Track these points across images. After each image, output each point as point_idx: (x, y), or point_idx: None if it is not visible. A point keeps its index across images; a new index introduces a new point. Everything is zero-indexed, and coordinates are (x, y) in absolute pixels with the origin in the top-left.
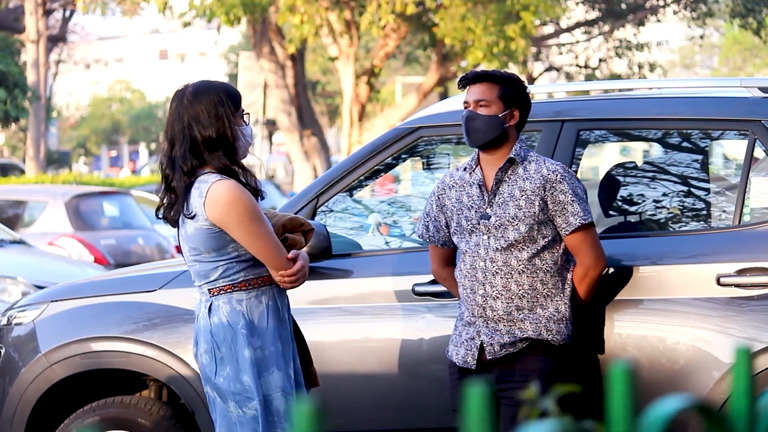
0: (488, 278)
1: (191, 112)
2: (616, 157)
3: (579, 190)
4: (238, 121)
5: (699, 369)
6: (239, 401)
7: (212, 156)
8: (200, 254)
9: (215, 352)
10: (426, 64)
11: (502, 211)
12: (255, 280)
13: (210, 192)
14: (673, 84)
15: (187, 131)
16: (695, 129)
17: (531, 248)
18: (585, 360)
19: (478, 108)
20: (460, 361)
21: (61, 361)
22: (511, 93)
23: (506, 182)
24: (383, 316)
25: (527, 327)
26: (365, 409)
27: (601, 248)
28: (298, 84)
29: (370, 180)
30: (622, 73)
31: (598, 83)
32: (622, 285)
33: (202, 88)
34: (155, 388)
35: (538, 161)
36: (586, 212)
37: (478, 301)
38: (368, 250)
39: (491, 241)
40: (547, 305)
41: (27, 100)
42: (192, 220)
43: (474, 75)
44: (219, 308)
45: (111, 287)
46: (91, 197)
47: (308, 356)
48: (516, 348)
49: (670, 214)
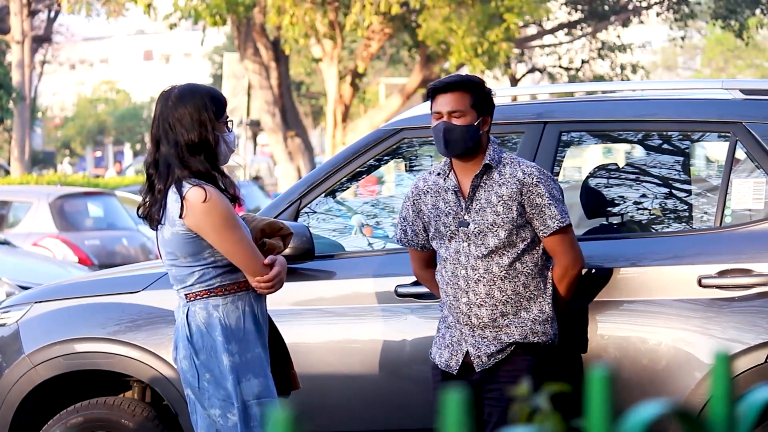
0: (471, 286)
1: (175, 115)
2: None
3: (555, 191)
4: (220, 127)
5: (680, 370)
6: (223, 407)
7: (193, 159)
8: (177, 259)
9: (193, 358)
10: (410, 65)
11: (480, 218)
12: (231, 286)
13: (186, 197)
14: (655, 86)
15: (171, 133)
16: (677, 131)
17: (511, 253)
18: (569, 359)
19: (452, 118)
20: (443, 364)
21: (44, 362)
22: (481, 100)
23: (482, 188)
24: (366, 318)
25: (513, 331)
26: (348, 410)
27: (578, 248)
28: (282, 85)
29: (354, 181)
30: (604, 74)
31: (580, 85)
32: (604, 286)
33: (187, 91)
34: (138, 389)
35: (513, 164)
36: (563, 214)
37: (462, 309)
38: (351, 252)
39: (471, 248)
40: (531, 307)
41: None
42: (168, 225)
43: (445, 84)
44: (195, 314)
45: (95, 288)
46: (76, 198)
47: (288, 360)
48: (504, 354)
49: (651, 215)
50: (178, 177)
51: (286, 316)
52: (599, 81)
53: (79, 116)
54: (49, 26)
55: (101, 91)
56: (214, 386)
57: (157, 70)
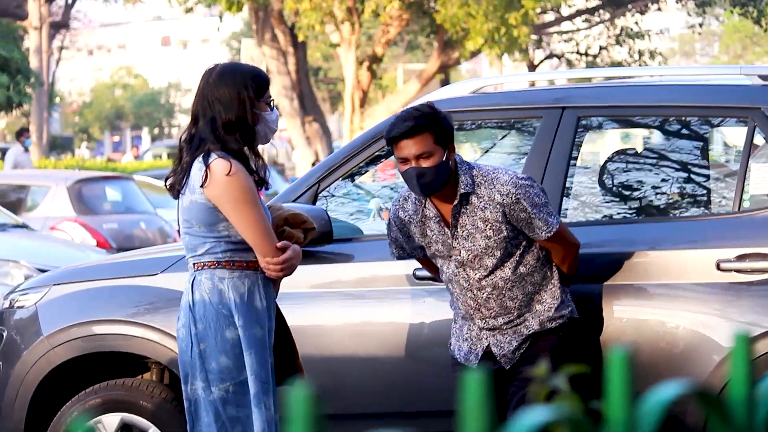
0: (481, 304)
1: (215, 92)
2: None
3: (537, 198)
4: (261, 106)
5: (698, 353)
6: (211, 380)
7: (229, 137)
8: (191, 227)
9: (191, 327)
10: (428, 50)
11: (471, 244)
12: (240, 262)
13: (210, 167)
14: (673, 72)
15: (209, 110)
16: (695, 116)
17: (512, 263)
18: (588, 341)
19: (420, 161)
20: (462, 358)
21: (62, 344)
22: (441, 132)
23: (464, 214)
24: (384, 300)
25: (532, 323)
26: (366, 393)
27: (572, 237)
28: (299, 70)
29: (372, 165)
30: (622, 60)
31: (599, 70)
32: (622, 270)
33: (229, 69)
34: (157, 371)
35: (487, 182)
36: (549, 221)
37: (478, 323)
38: (369, 235)
39: (470, 272)
40: (544, 298)
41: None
42: (189, 192)
43: (402, 131)
44: (201, 284)
45: (113, 271)
46: (94, 182)
47: (294, 349)
48: (527, 344)
49: (670, 200)
50: (209, 149)
51: (305, 299)
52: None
53: (97, 101)
54: (67, 12)
55: (119, 76)
56: (205, 358)
57: (174, 55)
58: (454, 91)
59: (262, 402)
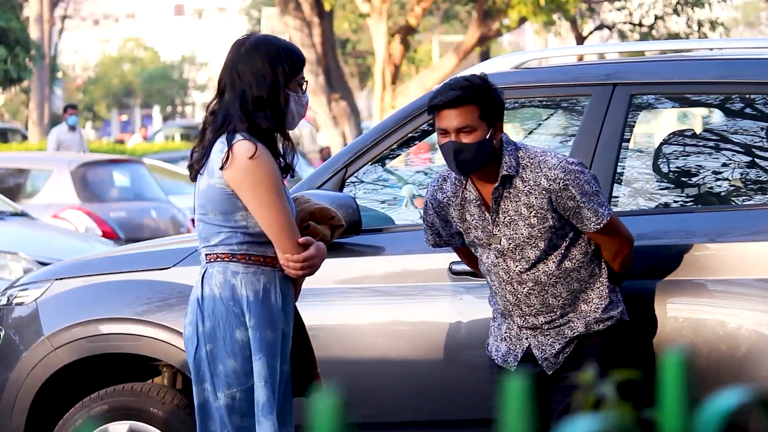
0: (521, 300)
1: (247, 65)
2: (672, 125)
3: (587, 186)
4: (294, 86)
5: (762, 357)
6: (217, 384)
7: (257, 115)
8: (207, 214)
9: (198, 325)
10: (466, 21)
11: (513, 232)
12: (257, 257)
13: (233, 148)
14: (736, 44)
15: (239, 83)
16: (760, 93)
17: (556, 256)
18: (640, 343)
19: (460, 136)
20: (500, 359)
21: (65, 345)
22: (489, 107)
23: (507, 198)
24: (418, 297)
25: (577, 325)
26: (397, 398)
27: (625, 231)
28: (326, 43)
29: (404, 148)
30: (680, 31)
31: (653, 43)
32: (679, 264)
33: (263, 41)
34: (169, 374)
35: (533, 165)
36: (599, 212)
37: (517, 321)
38: (401, 225)
39: (510, 263)
40: (590, 297)
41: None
42: (207, 175)
43: (446, 100)
44: (212, 277)
45: (121, 264)
46: (100, 166)
47: (312, 358)
48: (571, 347)
49: (731, 186)
50: (234, 129)
51: (330, 295)
52: (674, 39)
53: (104, 77)
54: None
55: (127, 49)
56: (212, 360)
57: (188, 26)
58: (495, 65)
59: (273, 412)
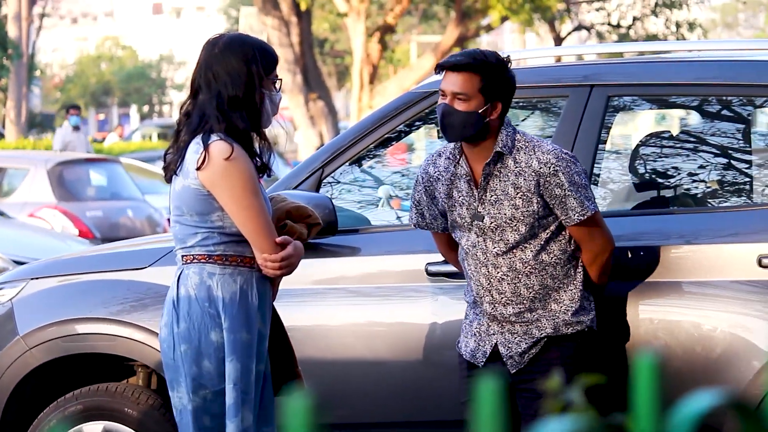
0: (494, 284)
1: (221, 64)
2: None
3: (577, 176)
4: (268, 84)
5: (737, 359)
6: (190, 386)
7: (233, 114)
8: (182, 215)
9: (173, 326)
10: (444, 21)
11: (496, 211)
12: (234, 257)
13: (209, 149)
14: (714, 46)
15: (213, 83)
16: (737, 95)
17: (535, 245)
18: (613, 346)
19: (455, 101)
20: (468, 355)
21: (40, 345)
22: (493, 83)
23: (497, 176)
24: (393, 298)
25: (545, 325)
26: (372, 399)
27: (607, 233)
28: (303, 42)
29: (381, 149)
30: (658, 32)
31: (631, 45)
32: (654, 266)
33: (237, 40)
34: (144, 374)
35: (527, 148)
36: (585, 204)
37: (486, 308)
38: (378, 226)
39: (488, 244)
40: (561, 298)
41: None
42: (182, 176)
43: (453, 63)
44: (188, 278)
45: (97, 264)
46: (77, 165)
47: (293, 358)
48: (537, 348)
49: (707, 188)
50: (210, 129)
51: (306, 296)
52: (652, 40)
53: (81, 75)
54: None
55: (105, 47)
56: (187, 361)
57: (166, 25)
58: None
59: (238, 414)
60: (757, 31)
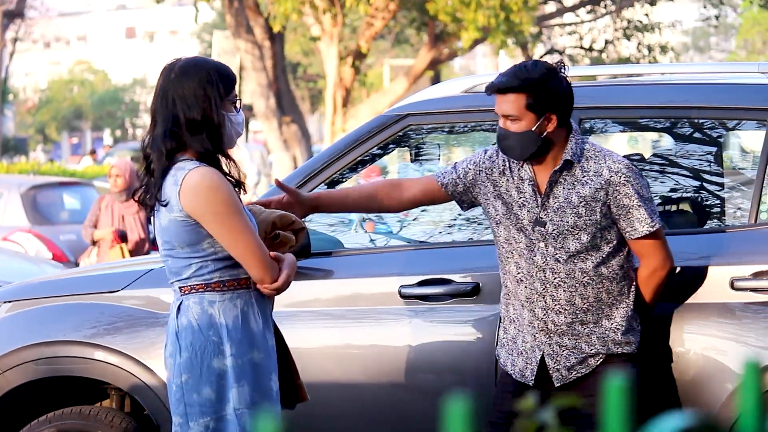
0: (549, 290)
1: (177, 89)
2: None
3: (644, 190)
4: (227, 106)
5: (710, 380)
6: (190, 414)
7: (194, 139)
8: (173, 249)
9: (176, 356)
10: (417, 45)
11: (559, 219)
12: (231, 282)
13: (186, 180)
14: (685, 69)
15: (171, 109)
16: (708, 118)
17: (595, 257)
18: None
19: (507, 123)
20: (517, 374)
21: (14, 368)
22: (541, 98)
23: (562, 184)
24: (367, 321)
25: (594, 341)
26: (345, 422)
27: (668, 249)
28: (277, 66)
29: (355, 171)
30: (630, 56)
31: (603, 68)
32: None
33: (192, 64)
34: (117, 397)
35: (598, 158)
36: (653, 217)
37: (538, 313)
38: (351, 249)
39: (549, 249)
40: (613, 315)
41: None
42: (166, 210)
43: (497, 86)
44: (189, 308)
45: (70, 287)
46: (50, 188)
47: (293, 369)
48: (586, 368)
49: (679, 211)
50: (178, 159)
51: (279, 319)
52: (624, 63)
53: (54, 99)
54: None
55: (78, 71)
56: (187, 390)
57: (139, 49)
58: (444, 90)
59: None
60: (728, 54)
